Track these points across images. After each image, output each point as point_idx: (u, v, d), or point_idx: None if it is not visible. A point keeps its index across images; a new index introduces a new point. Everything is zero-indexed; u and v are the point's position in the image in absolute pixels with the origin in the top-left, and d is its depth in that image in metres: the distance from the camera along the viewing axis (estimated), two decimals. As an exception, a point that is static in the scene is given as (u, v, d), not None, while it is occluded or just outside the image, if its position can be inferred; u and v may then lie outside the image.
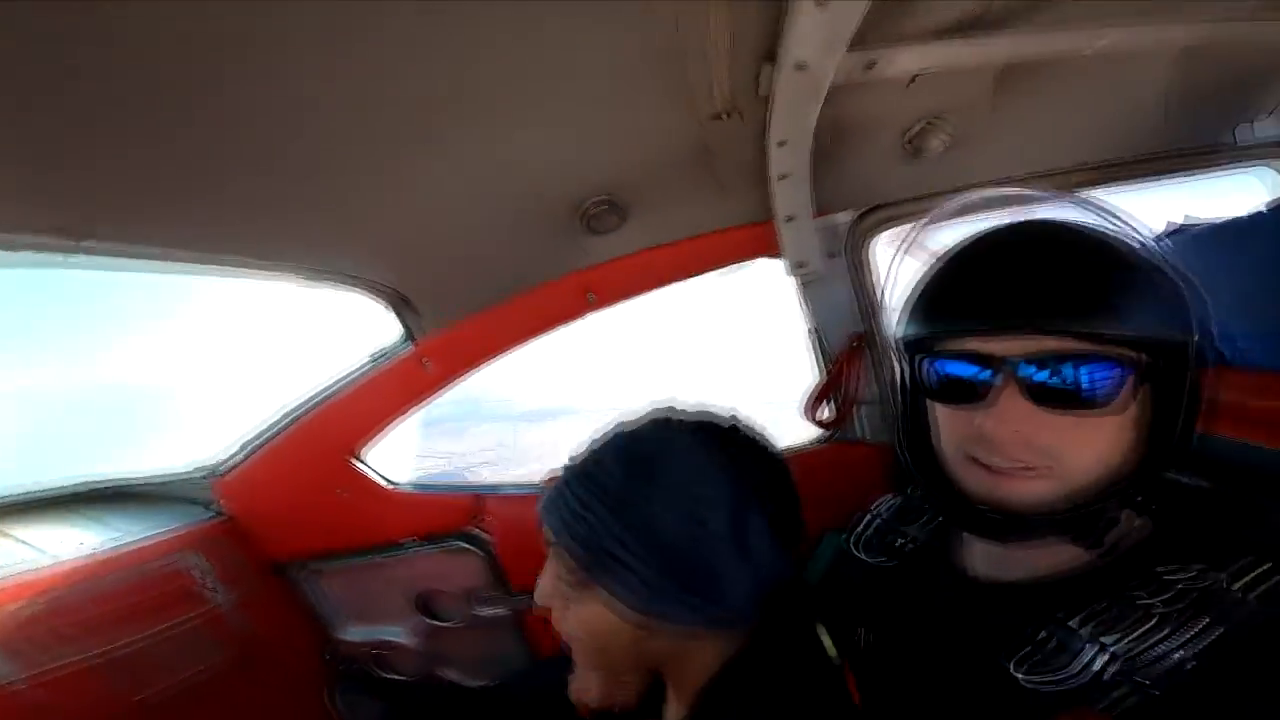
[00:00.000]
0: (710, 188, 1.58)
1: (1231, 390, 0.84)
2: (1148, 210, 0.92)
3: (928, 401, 0.86)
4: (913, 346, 0.84)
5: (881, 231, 1.71)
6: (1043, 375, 0.71)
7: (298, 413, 1.81)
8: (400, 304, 1.65)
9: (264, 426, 1.82)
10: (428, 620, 1.98)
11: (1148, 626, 0.67)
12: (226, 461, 1.85)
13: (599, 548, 0.78)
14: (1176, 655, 0.64)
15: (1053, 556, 0.79)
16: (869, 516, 1.09)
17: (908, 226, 0.95)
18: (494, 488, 1.88)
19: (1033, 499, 0.74)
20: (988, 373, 0.74)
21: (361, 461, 1.86)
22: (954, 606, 0.86)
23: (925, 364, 0.82)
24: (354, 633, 2.02)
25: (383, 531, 1.91)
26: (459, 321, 1.71)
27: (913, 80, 1.32)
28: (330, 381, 1.80)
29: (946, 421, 0.82)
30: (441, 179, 1.29)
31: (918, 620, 0.88)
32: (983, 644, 0.77)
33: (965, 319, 0.76)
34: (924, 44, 1.16)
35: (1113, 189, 1.61)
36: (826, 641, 0.86)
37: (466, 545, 1.89)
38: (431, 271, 1.58)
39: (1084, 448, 0.73)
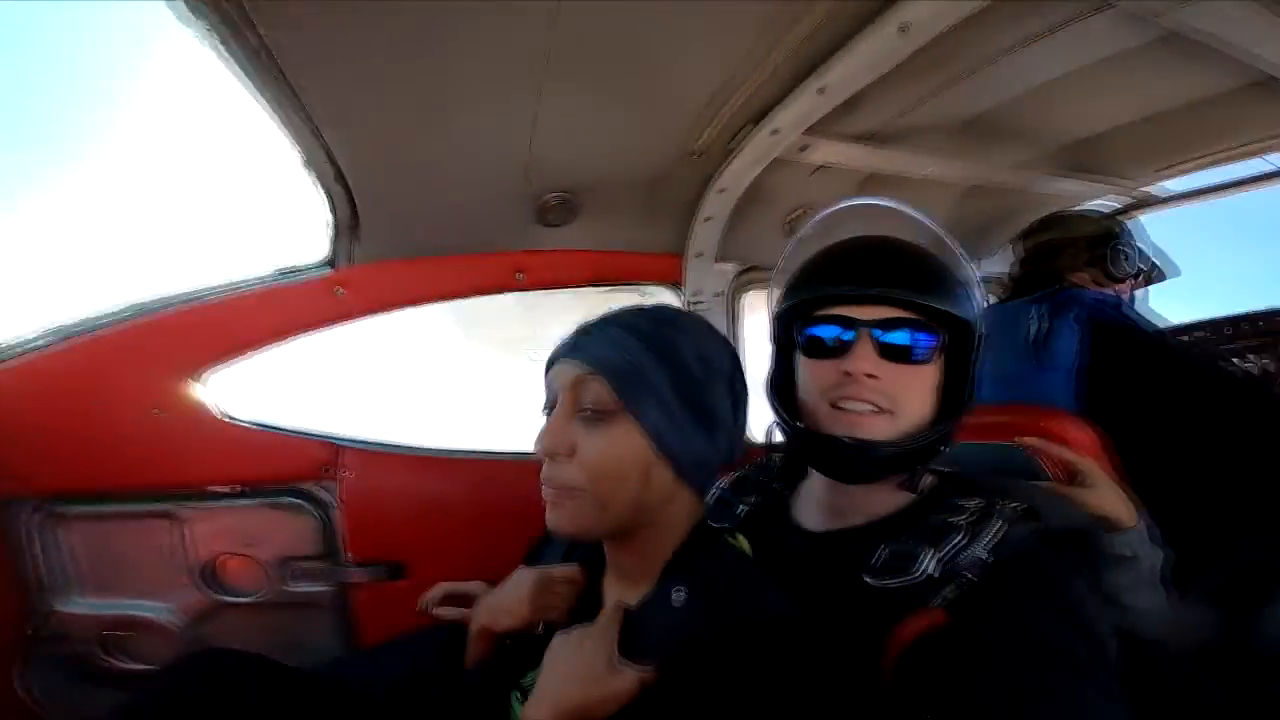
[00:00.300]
0: (649, 212, 1.87)
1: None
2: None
3: (798, 363, 1.09)
4: (792, 313, 1.08)
5: (750, 290, 2.16)
6: (887, 335, 0.98)
7: (128, 315, 1.54)
8: (348, 221, 1.58)
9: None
10: (211, 594, 1.65)
11: (958, 538, 0.89)
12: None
13: (636, 375, 0.86)
14: (981, 554, 0.86)
15: (878, 504, 1.03)
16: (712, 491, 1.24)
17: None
18: (360, 441, 1.74)
19: (879, 434, 0.98)
20: (850, 333, 1.00)
21: (200, 383, 1.60)
22: (799, 553, 1.03)
23: (803, 327, 1.06)
24: (81, 603, 1.58)
25: (189, 472, 1.60)
26: (390, 261, 1.69)
27: (815, 171, 1.83)
28: (202, 287, 1.59)
29: (813, 374, 1.04)
30: (443, 121, 1.35)
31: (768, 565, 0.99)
32: (835, 570, 0.96)
33: (836, 290, 1.01)
34: (843, 142, 1.66)
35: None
36: (743, 542, 1.00)
37: (300, 502, 1.67)
38: (392, 200, 1.57)
39: (912, 396, 0.99)
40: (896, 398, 0.97)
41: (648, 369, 0.86)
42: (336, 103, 1.22)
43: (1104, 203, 2.31)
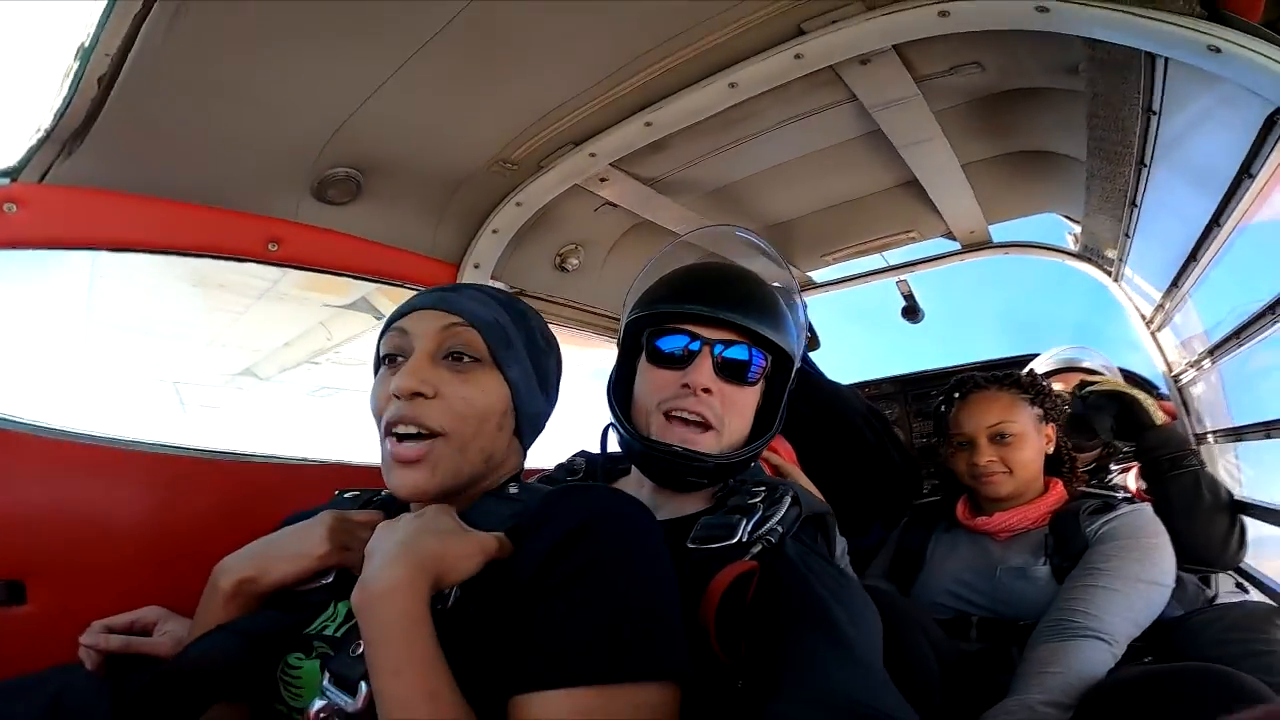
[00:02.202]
0: (437, 213, 1.81)
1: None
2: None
3: (639, 371, 1.19)
4: (643, 323, 1.19)
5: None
6: (727, 353, 1.15)
7: None
8: (72, 132, 1.21)
9: None
10: None
11: (759, 512, 1.01)
12: None
13: (503, 331, 0.92)
14: (775, 522, 1.00)
15: (689, 505, 1.17)
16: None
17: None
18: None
19: (704, 447, 1.13)
20: (696, 344, 1.14)
21: None
22: None
23: (652, 337, 1.18)
24: None
25: None
26: (101, 190, 1.31)
27: (601, 207, 1.99)
28: None
29: (654, 382, 1.16)
30: (264, 59, 1.22)
31: None
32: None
33: (689, 307, 1.14)
34: (635, 181, 1.86)
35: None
36: None
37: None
38: (150, 125, 1.26)
39: (736, 415, 1.16)
40: (724, 416, 1.11)
41: (510, 329, 0.94)
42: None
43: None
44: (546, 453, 1.22)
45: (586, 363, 2.94)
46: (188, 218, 1.44)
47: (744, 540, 0.97)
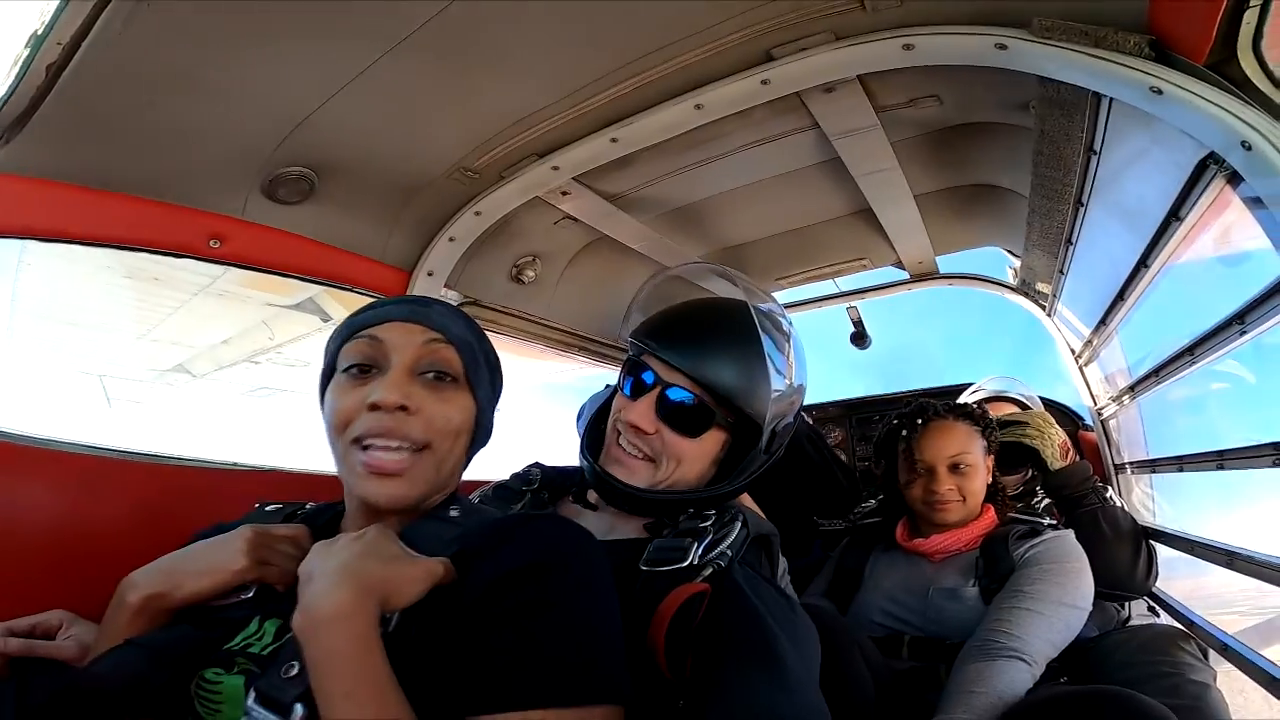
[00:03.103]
0: (392, 218, 1.77)
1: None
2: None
3: (616, 393, 1.22)
4: (632, 348, 1.21)
5: (469, 323, 2.13)
6: (670, 401, 1.13)
7: None
8: (11, 119, 1.14)
9: None
10: None
11: (709, 536, 1.03)
12: None
13: (475, 350, 0.95)
14: (725, 547, 1.01)
15: (637, 528, 1.16)
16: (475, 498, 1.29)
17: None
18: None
19: (636, 479, 1.14)
20: (649, 382, 1.15)
21: None
22: None
23: (630, 365, 1.20)
24: None
25: None
26: (33, 178, 1.24)
27: (561, 220, 1.98)
28: None
29: (616, 406, 1.20)
30: (225, 51, 1.18)
31: None
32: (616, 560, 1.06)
33: (648, 343, 1.16)
34: (596, 196, 1.86)
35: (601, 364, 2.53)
36: None
37: None
38: (94, 115, 1.21)
39: (677, 457, 1.14)
40: (661, 454, 1.11)
41: (478, 348, 0.96)
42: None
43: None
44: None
45: (537, 376, 2.91)
46: (126, 210, 1.37)
47: (695, 563, 0.98)
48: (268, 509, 1.02)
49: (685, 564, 0.98)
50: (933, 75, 1.37)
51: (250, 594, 0.84)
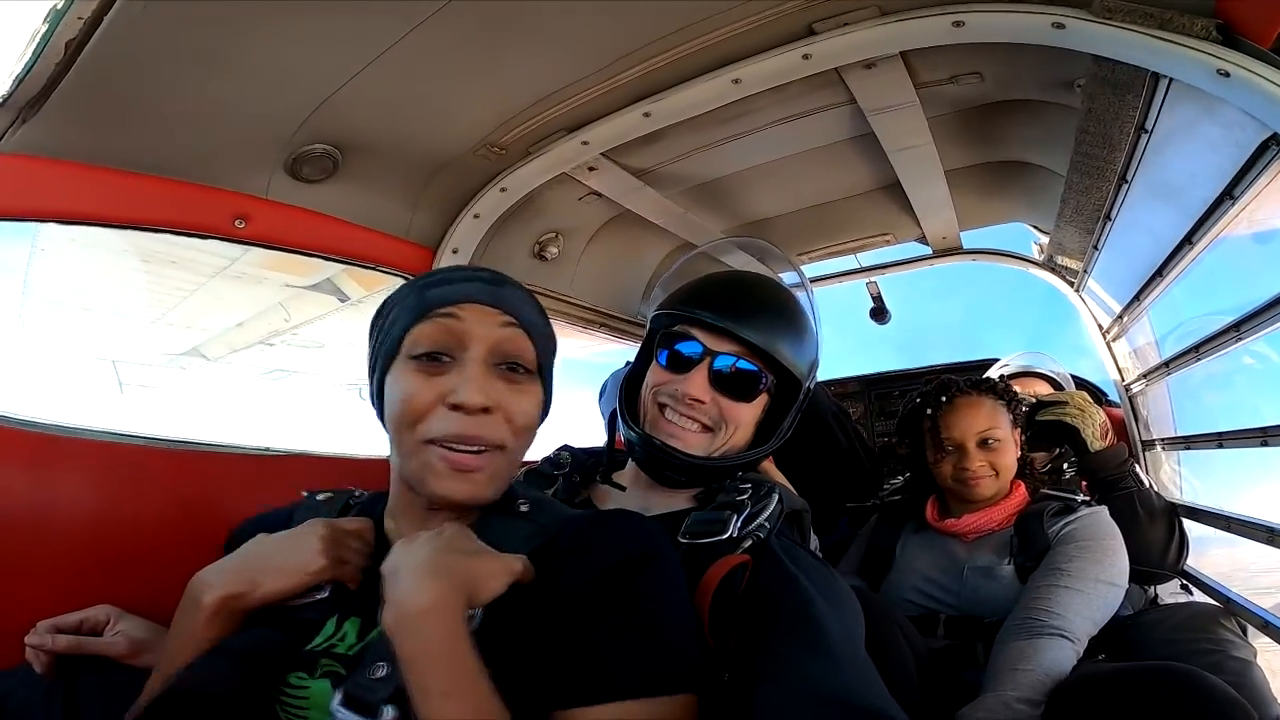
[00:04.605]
0: (418, 196, 1.73)
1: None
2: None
3: (651, 365, 1.20)
4: (662, 320, 1.21)
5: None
6: (725, 365, 1.15)
7: None
8: (29, 99, 1.11)
9: None
10: None
11: (748, 509, 1.03)
12: None
13: (550, 339, 0.91)
14: (764, 519, 1.02)
15: (679, 502, 1.18)
16: None
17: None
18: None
19: (693, 448, 1.15)
20: (699, 353, 1.15)
21: None
22: None
23: (667, 338, 1.19)
24: None
25: None
26: (54, 159, 1.21)
27: (585, 196, 1.94)
28: None
29: (656, 380, 1.18)
30: (246, 30, 1.14)
31: None
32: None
33: (699, 313, 1.15)
34: (623, 171, 1.82)
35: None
36: None
37: None
38: (117, 95, 1.17)
39: (731, 423, 1.17)
40: (718, 420, 1.12)
41: (547, 332, 0.90)
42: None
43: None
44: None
45: (560, 351, 2.90)
46: (149, 191, 1.34)
47: (735, 535, 0.99)
48: (319, 498, 0.99)
49: (725, 536, 0.98)
50: (978, 52, 1.33)
51: (326, 594, 0.82)
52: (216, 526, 0.98)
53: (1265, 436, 1.54)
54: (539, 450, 1.32)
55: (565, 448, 1.31)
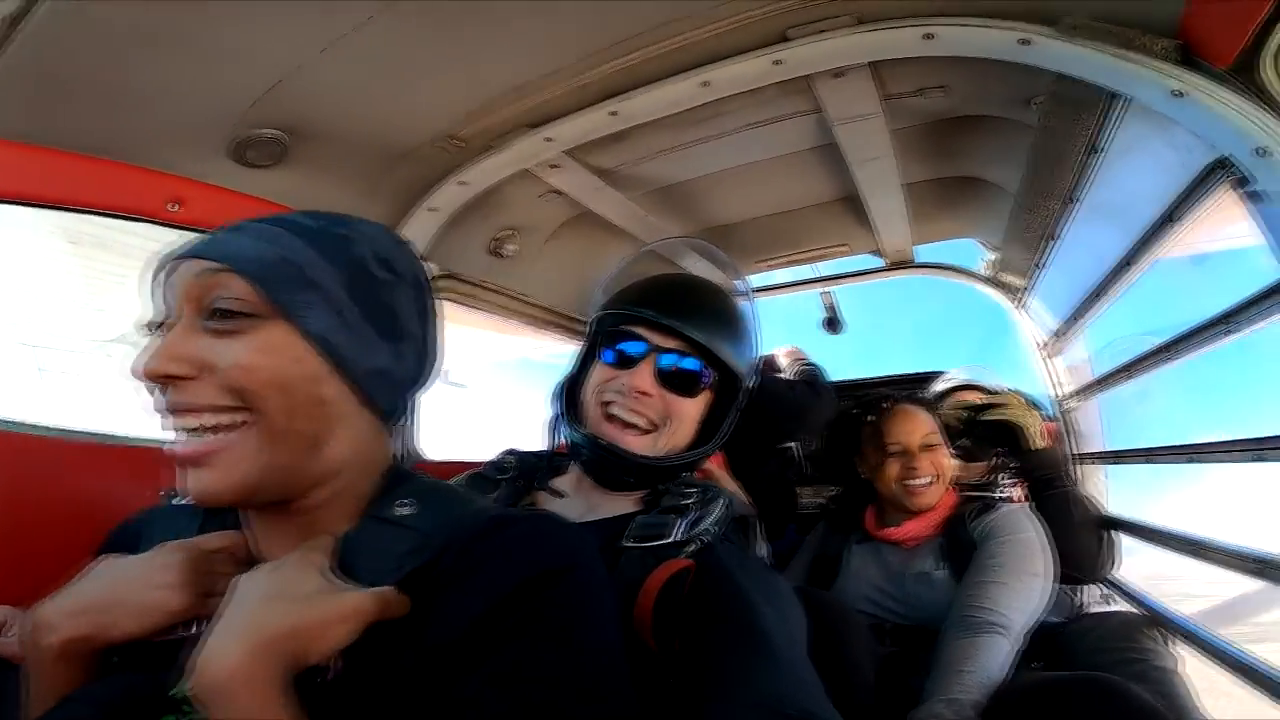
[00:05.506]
0: (368, 186, 1.66)
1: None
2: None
3: (593, 366, 1.17)
4: (604, 321, 1.18)
5: (441, 298, 2.03)
6: (669, 363, 1.13)
7: None
8: None
9: None
10: None
11: (694, 512, 1.02)
12: None
13: (292, 270, 0.67)
14: (708, 523, 1.01)
15: (620, 505, 1.15)
16: None
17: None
18: None
19: (637, 448, 1.13)
20: (643, 348, 1.13)
21: None
22: None
23: (609, 337, 1.17)
24: None
25: None
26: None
27: (546, 194, 1.89)
28: None
29: (600, 379, 1.15)
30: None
31: None
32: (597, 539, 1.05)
33: (643, 311, 1.14)
34: (586, 171, 1.78)
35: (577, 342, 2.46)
36: None
37: None
38: (49, 71, 1.09)
39: (678, 423, 1.15)
40: (663, 416, 1.11)
41: (310, 264, 0.68)
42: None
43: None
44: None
45: (513, 351, 2.82)
46: (80, 171, 1.24)
47: (678, 539, 0.97)
48: (175, 502, 0.84)
49: (669, 540, 0.97)
50: (946, 65, 1.35)
51: (193, 630, 0.68)
52: (88, 519, 0.91)
53: (1191, 453, 1.62)
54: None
55: (511, 451, 1.25)
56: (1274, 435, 1.27)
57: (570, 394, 1.19)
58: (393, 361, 0.72)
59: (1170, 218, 1.33)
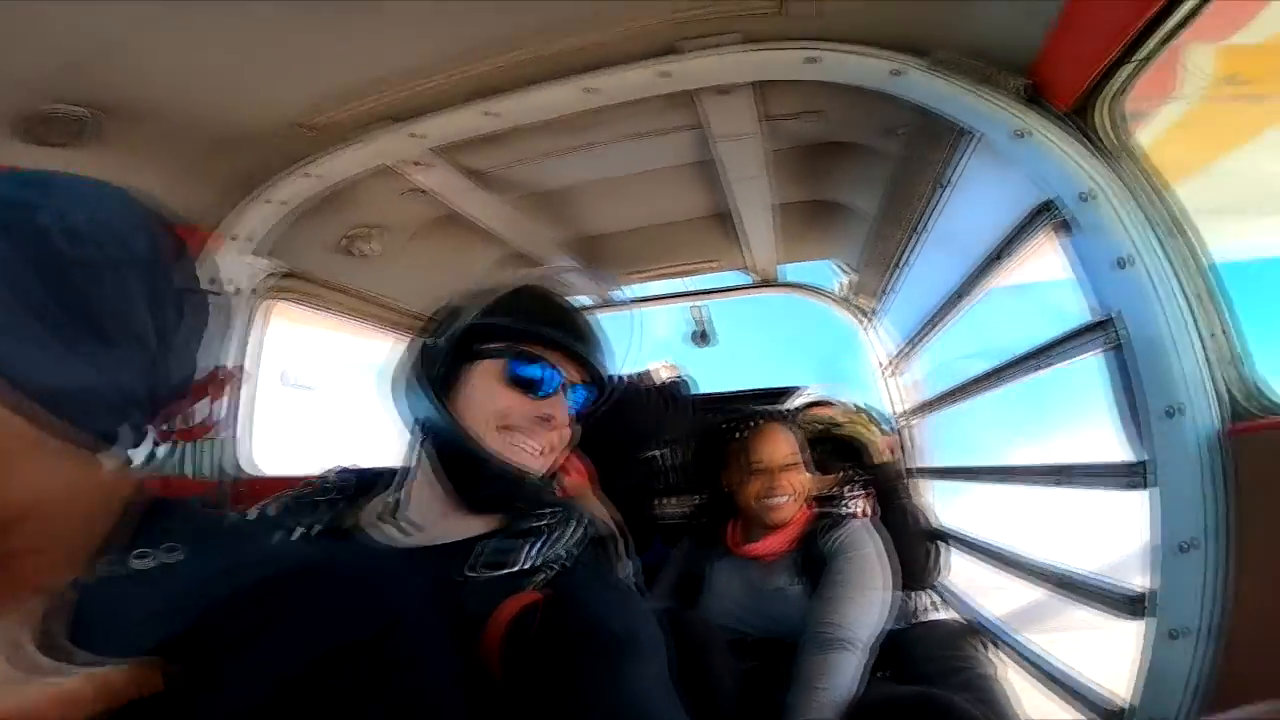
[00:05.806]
0: (193, 172, 1.47)
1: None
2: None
3: (472, 379, 1.06)
4: (501, 334, 1.06)
5: (281, 299, 1.83)
6: (580, 394, 1.10)
7: None
8: None
9: None
10: None
11: (547, 535, 0.99)
12: None
13: None
14: (562, 548, 0.98)
15: (475, 526, 1.06)
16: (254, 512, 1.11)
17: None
18: None
19: (535, 468, 1.07)
20: (557, 380, 1.06)
21: None
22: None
23: (516, 356, 1.06)
24: None
25: None
26: None
27: (409, 191, 1.75)
28: None
29: (503, 402, 1.04)
30: None
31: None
32: (431, 575, 0.95)
33: (561, 336, 1.06)
34: (454, 171, 1.67)
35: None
36: None
37: None
38: None
39: (566, 445, 1.11)
40: (559, 444, 1.08)
41: None
42: None
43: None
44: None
45: (360, 354, 2.60)
46: None
47: (527, 567, 0.93)
48: None
49: (516, 569, 0.93)
50: (824, 91, 1.39)
51: None
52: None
53: (1005, 475, 1.80)
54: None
55: (340, 469, 1.12)
56: (1073, 464, 1.39)
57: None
58: (96, 370, 0.52)
59: (1000, 252, 1.45)
